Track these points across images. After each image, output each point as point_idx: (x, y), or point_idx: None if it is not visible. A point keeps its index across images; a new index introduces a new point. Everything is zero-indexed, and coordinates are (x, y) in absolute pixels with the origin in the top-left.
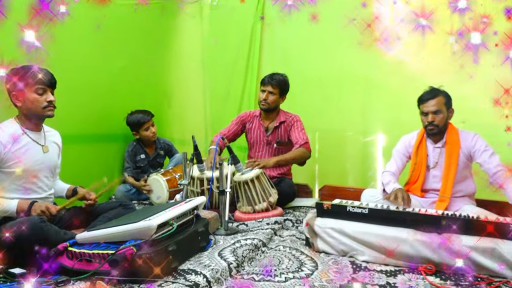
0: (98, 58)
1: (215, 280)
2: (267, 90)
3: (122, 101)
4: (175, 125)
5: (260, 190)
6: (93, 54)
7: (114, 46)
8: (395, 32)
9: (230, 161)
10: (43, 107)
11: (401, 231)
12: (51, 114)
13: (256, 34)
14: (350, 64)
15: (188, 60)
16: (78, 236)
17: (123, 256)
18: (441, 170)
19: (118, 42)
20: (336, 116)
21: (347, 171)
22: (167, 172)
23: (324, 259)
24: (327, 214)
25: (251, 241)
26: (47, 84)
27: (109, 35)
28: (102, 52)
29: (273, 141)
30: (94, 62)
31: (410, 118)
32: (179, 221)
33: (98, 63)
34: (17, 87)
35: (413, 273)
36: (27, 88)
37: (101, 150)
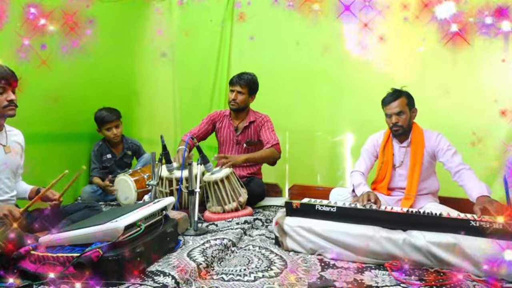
0: (64, 55)
1: (184, 281)
2: (235, 90)
3: (89, 100)
4: (143, 124)
5: (230, 190)
6: (58, 51)
7: (81, 43)
8: (363, 33)
9: (199, 160)
10: (4, 107)
11: (368, 229)
12: (13, 114)
13: (226, 33)
14: (319, 64)
15: (157, 59)
16: (41, 239)
17: (89, 258)
18: (407, 169)
19: (85, 39)
20: (305, 116)
21: (316, 170)
22: (135, 172)
23: (293, 257)
24: (296, 213)
25: (220, 241)
26: (7, 83)
27: (76, 32)
28: (70, 50)
29: (242, 141)
30: (59, 59)
31: (377, 117)
32: (147, 222)
33: (63, 60)
34: None
35: (379, 269)
36: None
37: (66, 149)
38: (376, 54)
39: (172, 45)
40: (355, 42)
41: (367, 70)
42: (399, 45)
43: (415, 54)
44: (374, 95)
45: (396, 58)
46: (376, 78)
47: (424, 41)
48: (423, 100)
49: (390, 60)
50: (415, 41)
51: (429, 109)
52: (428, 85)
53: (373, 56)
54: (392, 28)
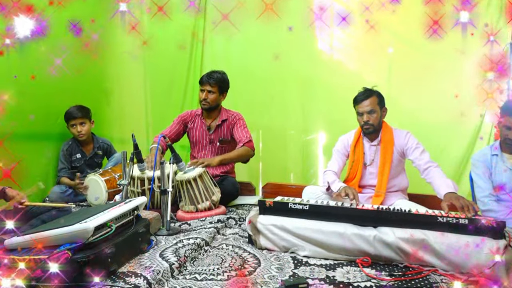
0: (32, 53)
1: (156, 282)
2: (206, 90)
3: (58, 98)
4: (114, 124)
5: (203, 189)
6: (24, 49)
7: (50, 40)
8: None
9: (172, 160)
10: None
11: (339, 226)
12: None
13: (199, 32)
14: (292, 64)
15: (128, 57)
16: (6, 242)
17: (57, 261)
18: (377, 167)
19: (54, 36)
20: (278, 115)
21: (289, 169)
22: (105, 172)
23: (267, 255)
24: (270, 211)
25: (193, 241)
26: None
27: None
28: (35, 47)
29: (215, 140)
30: (27, 56)
31: (349, 116)
32: (118, 222)
33: (30, 59)
34: None
35: (351, 266)
36: None
37: (34, 149)
38: (346, 54)
39: (143, 43)
40: (327, 43)
41: (339, 70)
42: (368, 46)
43: (384, 55)
44: (345, 95)
45: (365, 58)
46: (347, 78)
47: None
48: (391, 99)
49: (360, 61)
50: (384, 42)
51: (397, 108)
52: (395, 84)
53: (344, 56)
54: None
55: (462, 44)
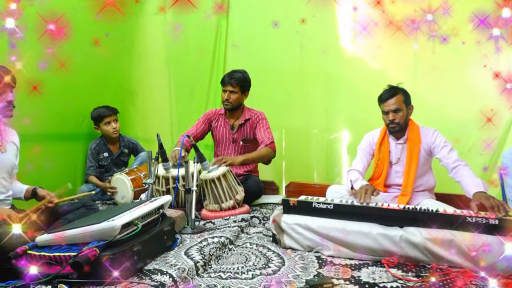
0: (59, 55)
1: (181, 279)
2: (227, 90)
3: (85, 99)
4: (139, 124)
5: (227, 188)
6: (54, 51)
7: (76, 42)
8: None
9: (196, 159)
10: (2, 108)
11: (364, 226)
12: (10, 115)
13: (221, 32)
14: (315, 62)
15: (152, 58)
16: (38, 239)
17: (86, 258)
18: (403, 165)
19: (80, 38)
20: (301, 114)
21: (313, 168)
22: (131, 171)
23: (291, 255)
24: (293, 211)
25: (218, 239)
26: (6, 84)
27: (71, 31)
28: (64, 49)
29: (239, 139)
30: (54, 59)
31: (373, 115)
32: (144, 220)
33: (59, 60)
34: None
35: (377, 266)
36: None
37: (62, 149)
38: (369, 51)
39: (167, 44)
40: (349, 40)
41: (362, 67)
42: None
43: (409, 51)
44: (369, 93)
45: (389, 55)
46: (371, 76)
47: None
48: (418, 96)
49: (384, 58)
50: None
51: (424, 106)
52: (421, 81)
53: (367, 53)
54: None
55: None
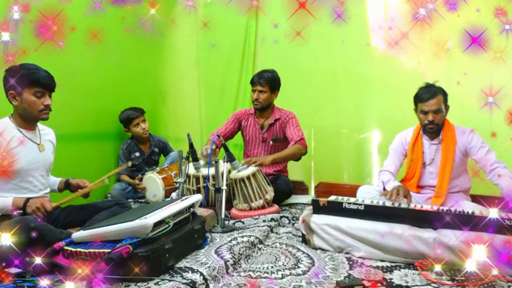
0: (93, 57)
1: (212, 278)
2: (257, 90)
3: (117, 100)
4: (170, 123)
5: (256, 188)
6: (87, 54)
7: (108, 45)
8: (389, 29)
9: (226, 158)
10: (39, 110)
11: (396, 227)
12: (46, 118)
13: (251, 31)
14: (345, 61)
15: (182, 57)
16: (74, 235)
17: (119, 254)
18: (437, 166)
19: (112, 41)
20: (331, 114)
21: (343, 168)
22: (162, 170)
23: (321, 255)
24: (323, 211)
25: (247, 239)
26: (46, 88)
27: (103, 34)
28: (96, 51)
29: (268, 138)
30: (88, 61)
31: (405, 114)
32: (175, 219)
33: (92, 62)
34: (16, 87)
35: (409, 269)
36: (25, 90)
37: (96, 148)
38: (401, 50)
39: (197, 45)
40: (381, 38)
41: (394, 66)
42: (426, 40)
43: (443, 49)
44: (401, 92)
45: (422, 53)
46: (403, 75)
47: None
48: (452, 95)
49: (417, 56)
50: (442, 35)
51: (459, 105)
52: (456, 80)
53: (399, 52)
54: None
55: None
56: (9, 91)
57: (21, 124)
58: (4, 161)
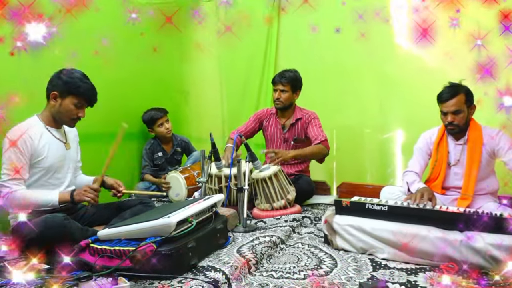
0: (115, 58)
1: (234, 277)
2: (278, 89)
3: (140, 100)
4: (192, 123)
5: (278, 188)
6: (110, 54)
7: (132, 45)
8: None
9: (247, 158)
10: (72, 119)
11: (421, 229)
12: (72, 126)
13: (273, 31)
14: (368, 60)
15: (205, 57)
16: (99, 233)
17: (143, 252)
18: (463, 167)
19: (134, 41)
20: (354, 113)
21: (366, 168)
22: (185, 169)
23: (343, 256)
24: (346, 211)
25: (269, 238)
26: (87, 102)
27: (126, 34)
28: (120, 52)
29: (290, 138)
30: (111, 62)
31: (429, 114)
32: (198, 218)
33: (115, 63)
34: (62, 91)
35: (435, 272)
36: (69, 97)
37: (120, 148)
38: (426, 48)
39: (218, 44)
40: (406, 36)
41: (418, 65)
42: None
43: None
44: (426, 91)
45: (448, 51)
46: (428, 73)
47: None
48: (480, 95)
49: (443, 54)
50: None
51: (487, 105)
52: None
53: (424, 50)
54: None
55: None
56: (53, 91)
57: (49, 123)
58: (38, 158)
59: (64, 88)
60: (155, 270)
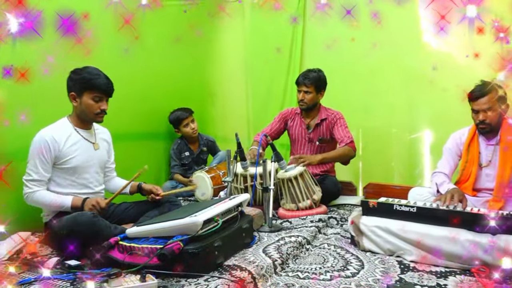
0: (144, 60)
1: (260, 277)
2: (302, 90)
3: (168, 100)
4: (218, 123)
5: (304, 188)
6: (139, 56)
7: (160, 47)
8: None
9: (273, 158)
10: (96, 114)
11: (451, 231)
12: (100, 121)
13: (298, 31)
14: (395, 59)
15: (230, 59)
16: (128, 231)
17: (171, 250)
18: (495, 168)
19: (163, 43)
20: (380, 112)
21: (393, 169)
22: (211, 169)
23: (371, 258)
24: (373, 212)
25: (295, 239)
26: (104, 93)
27: (155, 37)
28: (148, 54)
29: (315, 139)
30: (140, 63)
31: (459, 112)
32: (224, 217)
33: (144, 64)
34: (77, 90)
35: (465, 275)
36: (85, 93)
37: (148, 148)
38: (456, 46)
39: (244, 47)
40: (434, 34)
41: (447, 63)
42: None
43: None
44: (456, 89)
45: (479, 49)
46: (458, 71)
47: None
48: None
49: (473, 52)
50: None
51: None
52: None
53: (453, 48)
54: None
55: None
56: (71, 92)
57: (78, 124)
58: (63, 159)
59: (78, 87)
60: (182, 268)
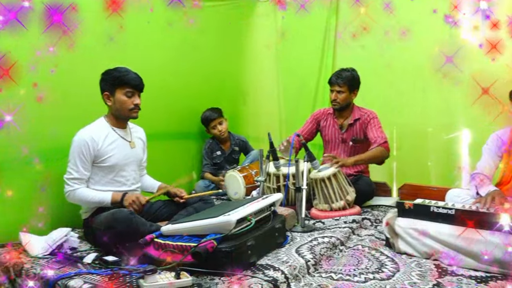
0: (179, 60)
1: (293, 277)
2: (335, 90)
3: (200, 100)
4: (250, 123)
5: (337, 188)
6: (173, 57)
7: (193, 47)
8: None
9: (306, 158)
10: (130, 109)
11: (493, 235)
12: (136, 116)
13: (330, 29)
14: (430, 56)
15: (262, 59)
16: (163, 229)
17: (205, 249)
18: None
19: (196, 43)
20: (415, 111)
21: (429, 170)
22: (243, 168)
23: (406, 261)
24: (409, 214)
25: (328, 239)
26: (135, 88)
27: (187, 36)
28: (182, 54)
29: (348, 139)
30: (175, 64)
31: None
32: (257, 217)
33: (179, 65)
34: (109, 88)
35: (508, 281)
36: (117, 90)
37: (180, 147)
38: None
39: (276, 46)
40: (471, 30)
41: (486, 59)
42: None
43: None
44: (495, 87)
45: None
46: (498, 69)
47: None
48: None
49: None
50: None
51: None
52: None
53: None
54: None
55: None
56: (104, 92)
57: (114, 123)
58: (102, 157)
59: (109, 86)
60: (216, 266)
